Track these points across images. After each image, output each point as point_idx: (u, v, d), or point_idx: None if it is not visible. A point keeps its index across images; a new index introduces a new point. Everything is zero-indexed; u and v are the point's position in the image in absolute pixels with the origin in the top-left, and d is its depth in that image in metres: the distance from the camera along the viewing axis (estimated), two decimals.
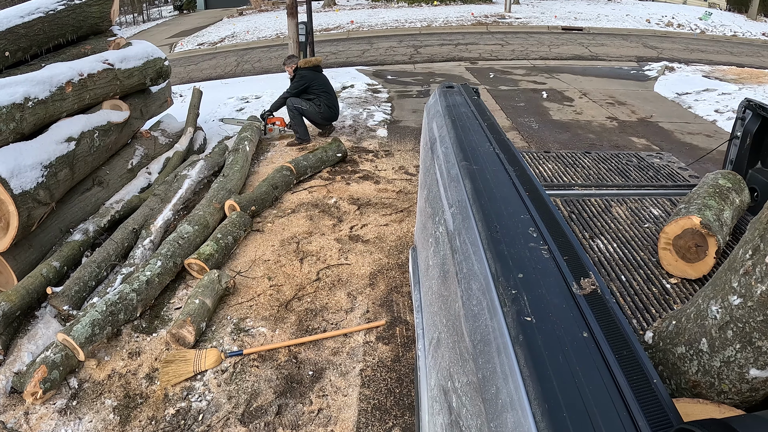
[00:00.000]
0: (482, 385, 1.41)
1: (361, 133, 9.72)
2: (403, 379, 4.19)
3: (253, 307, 4.99)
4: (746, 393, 1.78)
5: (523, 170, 2.29)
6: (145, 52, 7.89)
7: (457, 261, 1.93)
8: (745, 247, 1.77)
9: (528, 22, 24.28)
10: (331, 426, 3.79)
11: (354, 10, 29.37)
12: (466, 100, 3.48)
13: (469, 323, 1.61)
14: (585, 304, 1.43)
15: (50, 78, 5.83)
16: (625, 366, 1.25)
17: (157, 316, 4.94)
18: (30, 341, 4.57)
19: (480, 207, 1.96)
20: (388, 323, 4.78)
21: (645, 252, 3.57)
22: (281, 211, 6.77)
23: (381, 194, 7.25)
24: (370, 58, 17.63)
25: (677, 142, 9.49)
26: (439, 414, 1.92)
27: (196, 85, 11.11)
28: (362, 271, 5.55)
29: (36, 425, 3.85)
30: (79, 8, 7.28)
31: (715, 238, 3.16)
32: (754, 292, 1.64)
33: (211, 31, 26.59)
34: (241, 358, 4.39)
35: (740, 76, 14.40)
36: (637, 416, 1.12)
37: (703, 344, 1.85)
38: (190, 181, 6.99)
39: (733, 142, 4.45)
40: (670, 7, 28.18)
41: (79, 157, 5.93)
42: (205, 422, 3.83)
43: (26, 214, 4.97)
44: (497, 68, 15.77)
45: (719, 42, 21.37)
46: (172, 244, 5.41)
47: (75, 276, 5.08)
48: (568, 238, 1.74)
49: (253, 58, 18.82)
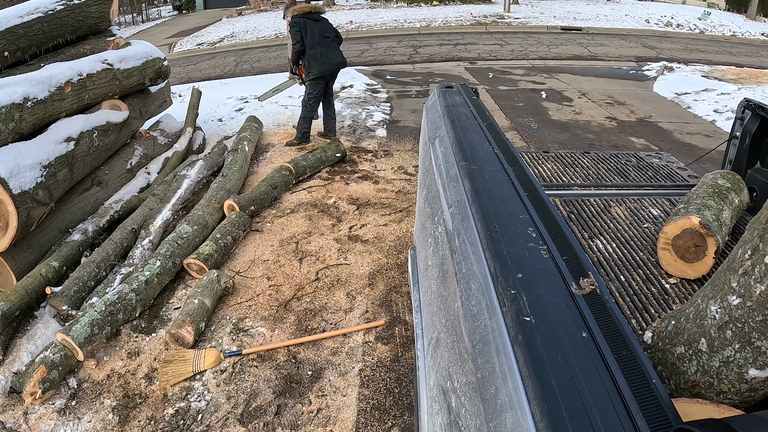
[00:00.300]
0: (481, 385, 1.41)
1: (360, 133, 9.72)
2: (402, 379, 4.19)
3: (252, 307, 4.99)
4: (745, 393, 1.78)
5: (522, 170, 2.29)
6: (144, 52, 7.89)
7: (456, 261, 1.93)
8: (744, 247, 1.77)
9: (527, 22, 24.27)
10: (330, 426, 3.79)
11: (353, 10, 29.36)
12: (465, 100, 3.48)
13: (468, 323, 1.61)
14: (584, 304, 1.43)
15: (49, 78, 5.83)
16: (624, 366, 1.25)
17: (156, 316, 4.94)
18: (29, 341, 4.57)
19: (479, 207, 1.96)
20: (387, 323, 4.78)
21: (644, 252, 3.57)
22: (280, 211, 6.77)
23: (380, 194, 7.25)
24: (369, 58, 17.62)
25: (676, 142, 9.49)
26: (438, 414, 1.92)
27: (195, 85, 11.09)
28: (361, 271, 5.55)
29: (35, 425, 3.85)
30: (78, 8, 7.28)
31: (714, 238, 3.16)
32: (753, 292, 1.64)
33: (210, 31, 26.58)
34: (240, 358, 4.39)
35: (739, 76, 14.40)
36: (636, 416, 1.12)
37: (702, 344, 1.85)
38: (189, 181, 7.00)
39: (732, 142, 4.45)
40: (669, 7, 28.18)
41: (78, 157, 5.93)
42: (204, 422, 3.83)
43: (25, 214, 4.97)
44: (496, 68, 15.77)
45: (718, 42, 21.36)
46: (171, 244, 5.41)
47: (74, 276, 5.08)
48: (567, 238, 1.75)
49: (252, 58, 18.81)
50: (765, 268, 1.60)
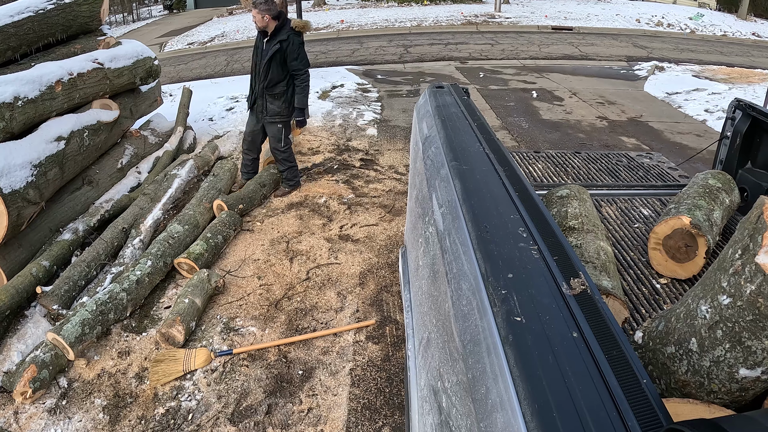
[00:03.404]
0: (472, 385, 1.41)
1: (351, 133, 9.71)
2: (393, 378, 4.19)
3: (242, 307, 4.99)
4: (736, 393, 1.78)
5: (513, 170, 2.29)
6: (135, 51, 7.87)
7: (447, 261, 1.93)
8: (734, 246, 1.77)
9: (518, 21, 24.30)
10: (321, 425, 3.79)
11: (344, 9, 29.32)
12: (456, 101, 3.49)
13: (459, 323, 1.61)
14: (575, 304, 1.43)
15: (40, 77, 5.80)
16: (614, 366, 1.25)
17: (147, 316, 4.92)
18: (19, 341, 4.55)
19: (470, 207, 1.96)
20: (378, 323, 4.78)
21: (635, 252, 3.58)
22: (271, 210, 6.76)
23: (371, 193, 7.24)
24: (360, 57, 17.60)
25: (667, 142, 9.52)
26: (429, 414, 1.92)
27: (186, 84, 11.07)
28: (352, 270, 5.55)
29: (26, 425, 3.84)
30: (69, 7, 7.25)
31: (705, 238, 3.17)
32: (743, 292, 1.65)
33: (201, 30, 26.50)
34: (230, 357, 4.39)
35: (730, 75, 14.45)
36: (627, 416, 1.12)
37: (692, 344, 1.85)
38: (179, 181, 6.98)
39: (723, 142, 4.47)
40: (660, 7, 28.25)
41: (69, 157, 5.91)
42: (195, 422, 3.83)
43: (16, 213, 4.95)
44: (487, 68, 15.78)
45: (709, 42, 21.44)
46: (162, 243, 5.40)
47: (64, 275, 5.06)
48: (558, 238, 1.75)
49: (243, 58, 18.75)
50: (755, 267, 1.61)
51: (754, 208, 1.76)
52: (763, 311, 1.59)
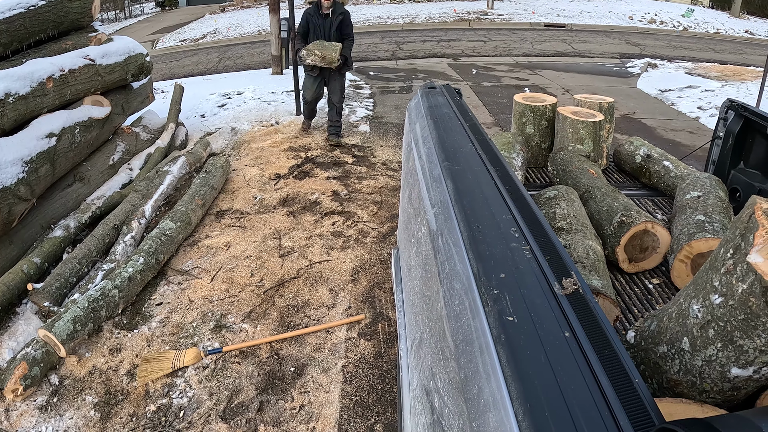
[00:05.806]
0: (464, 385, 1.41)
1: (343, 129, 9.70)
2: (386, 375, 4.19)
3: (234, 303, 4.98)
4: (728, 392, 1.79)
5: (505, 170, 2.29)
6: (127, 48, 7.85)
7: (439, 261, 1.93)
8: (726, 246, 1.78)
9: (510, 18, 24.32)
10: (313, 422, 3.79)
11: None
12: (449, 101, 3.48)
13: (452, 323, 1.61)
14: (567, 304, 1.43)
15: (31, 73, 5.79)
16: (606, 365, 1.25)
17: (139, 313, 4.91)
18: (10, 338, 4.54)
19: (462, 207, 1.96)
20: (370, 319, 4.78)
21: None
22: (263, 207, 6.76)
23: (363, 190, 7.24)
24: (352, 54, 17.58)
25: (660, 139, 9.54)
26: (422, 414, 1.92)
27: (178, 81, 11.04)
28: (344, 267, 5.55)
29: (17, 422, 3.83)
30: (60, 4, 7.23)
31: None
32: (735, 291, 1.65)
33: (193, 27, 26.45)
34: (221, 354, 4.38)
35: (723, 73, 14.49)
36: (619, 415, 1.12)
37: (684, 343, 1.86)
38: (171, 177, 6.97)
39: (715, 142, 4.48)
40: (653, 4, 28.28)
41: (60, 153, 5.89)
42: (186, 419, 3.82)
43: (7, 210, 4.93)
44: (480, 65, 15.79)
45: (702, 39, 21.49)
46: (154, 240, 5.38)
47: (56, 272, 5.05)
48: (550, 238, 1.75)
49: (235, 55, 18.73)
50: (747, 266, 1.61)
51: (746, 208, 1.77)
52: (754, 310, 1.59)
